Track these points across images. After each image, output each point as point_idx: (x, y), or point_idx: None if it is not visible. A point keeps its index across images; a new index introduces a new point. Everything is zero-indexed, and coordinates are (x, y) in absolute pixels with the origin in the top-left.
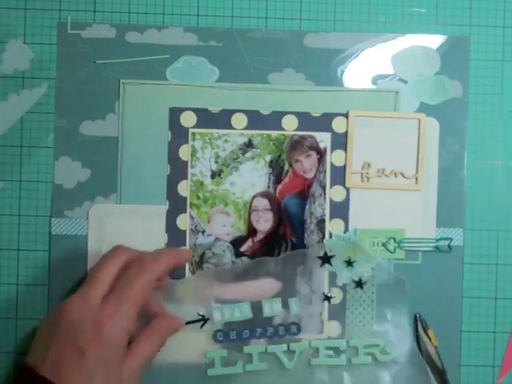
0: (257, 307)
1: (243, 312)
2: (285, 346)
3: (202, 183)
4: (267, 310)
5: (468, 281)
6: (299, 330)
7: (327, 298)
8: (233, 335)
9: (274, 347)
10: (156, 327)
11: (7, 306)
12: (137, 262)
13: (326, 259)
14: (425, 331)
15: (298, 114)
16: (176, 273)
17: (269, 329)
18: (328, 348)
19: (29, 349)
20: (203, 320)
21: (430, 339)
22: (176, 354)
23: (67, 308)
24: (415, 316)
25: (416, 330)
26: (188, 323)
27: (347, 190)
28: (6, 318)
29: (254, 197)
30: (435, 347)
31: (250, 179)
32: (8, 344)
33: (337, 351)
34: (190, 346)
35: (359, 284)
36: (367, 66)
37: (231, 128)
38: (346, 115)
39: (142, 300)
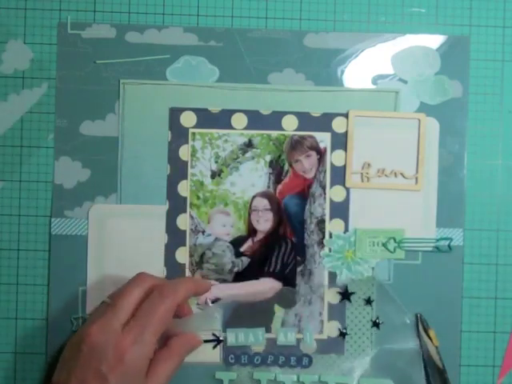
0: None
1: (257, 337)
2: (294, 377)
3: (202, 183)
4: (281, 339)
5: (468, 281)
6: (310, 362)
7: (376, 325)
8: (244, 359)
9: (284, 376)
10: (175, 347)
11: (7, 306)
12: (158, 290)
13: (345, 296)
14: (425, 331)
15: (298, 114)
16: (175, 273)
17: (280, 357)
18: (337, 383)
19: (28, 349)
20: (216, 341)
21: (430, 339)
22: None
23: (89, 333)
24: (416, 316)
25: (417, 330)
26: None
27: (347, 190)
28: (6, 318)
29: (253, 197)
30: (436, 347)
31: (250, 179)
32: (8, 344)
33: None
34: (201, 367)
35: (376, 324)
36: (367, 66)
37: (231, 128)
38: (346, 115)
39: (162, 328)
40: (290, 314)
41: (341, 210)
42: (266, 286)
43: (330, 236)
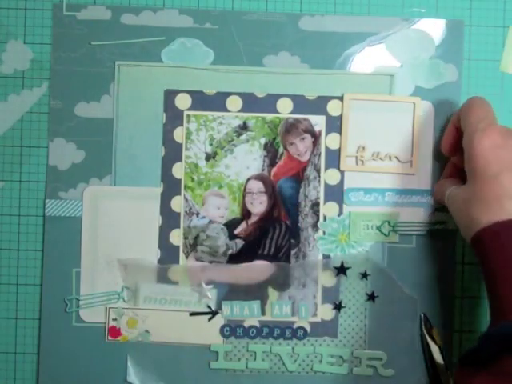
0: (266, 307)
1: (252, 310)
2: (289, 349)
3: (196, 165)
4: (276, 312)
5: (467, 281)
6: (305, 334)
7: (372, 298)
8: (239, 332)
9: (279, 348)
10: None
11: (7, 305)
12: None
13: (341, 270)
14: (428, 331)
15: (293, 97)
16: (169, 255)
17: (275, 330)
18: (331, 356)
19: (28, 349)
20: (212, 313)
21: (433, 339)
22: (183, 339)
23: None
24: (420, 316)
25: (420, 330)
26: (195, 314)
27: (342, 173)
28: (5, 318)
29: (248, 179)
30: (439, 347)
31: (245, 162)
32: (7, 344)
33: (340, 360)
34: (196, 335)
35: (371, 297)
36: (362, 49)
37: (226, 110)
38: (341, 98)
39: None
40: (283, 297)
41: (335, 193)
42: (259, 269)
43: (325, 219)
